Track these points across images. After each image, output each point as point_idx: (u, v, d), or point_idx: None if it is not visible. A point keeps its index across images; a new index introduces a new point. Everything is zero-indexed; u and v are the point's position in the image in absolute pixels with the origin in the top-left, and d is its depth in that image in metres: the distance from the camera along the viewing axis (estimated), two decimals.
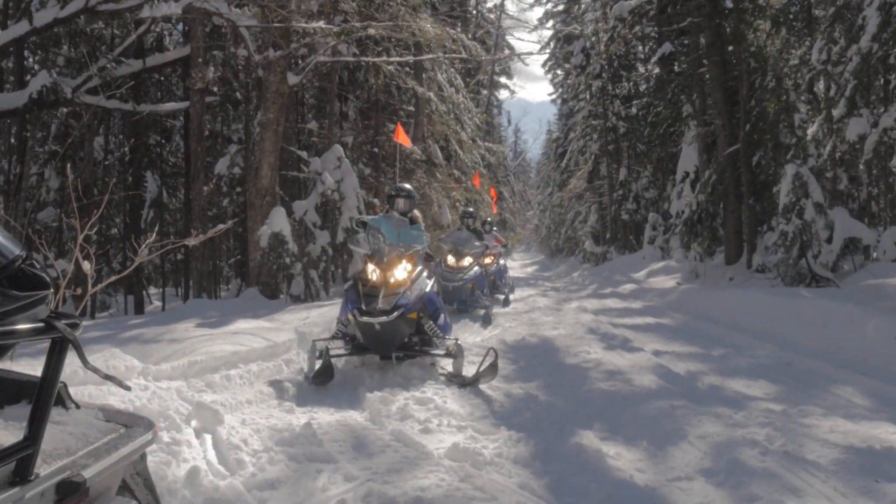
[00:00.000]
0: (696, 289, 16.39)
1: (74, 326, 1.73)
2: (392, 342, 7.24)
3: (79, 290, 6.44)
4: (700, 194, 19.93)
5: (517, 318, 12.83)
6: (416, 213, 8.82)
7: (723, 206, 19.53)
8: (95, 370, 1.91)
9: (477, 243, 13.81)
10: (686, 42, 22.97)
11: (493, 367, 6.80)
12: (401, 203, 8.72)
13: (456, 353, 7.24)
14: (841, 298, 10.12)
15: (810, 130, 14.81)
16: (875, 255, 13.99)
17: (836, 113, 12.46)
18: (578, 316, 12.84)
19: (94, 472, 1.83)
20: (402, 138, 10.46)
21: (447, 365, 7.41)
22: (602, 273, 26.59)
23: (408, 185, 9.14)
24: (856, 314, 8.91)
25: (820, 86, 16.79)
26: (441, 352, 7.50)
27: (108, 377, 1.99)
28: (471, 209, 15.64)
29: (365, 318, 7.06)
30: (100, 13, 12.94)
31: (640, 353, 8.43)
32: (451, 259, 13.33)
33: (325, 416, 5.70)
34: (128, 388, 2.12)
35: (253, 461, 4.48)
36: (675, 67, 24.63)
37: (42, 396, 1.69)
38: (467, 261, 13.29)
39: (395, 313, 7.08)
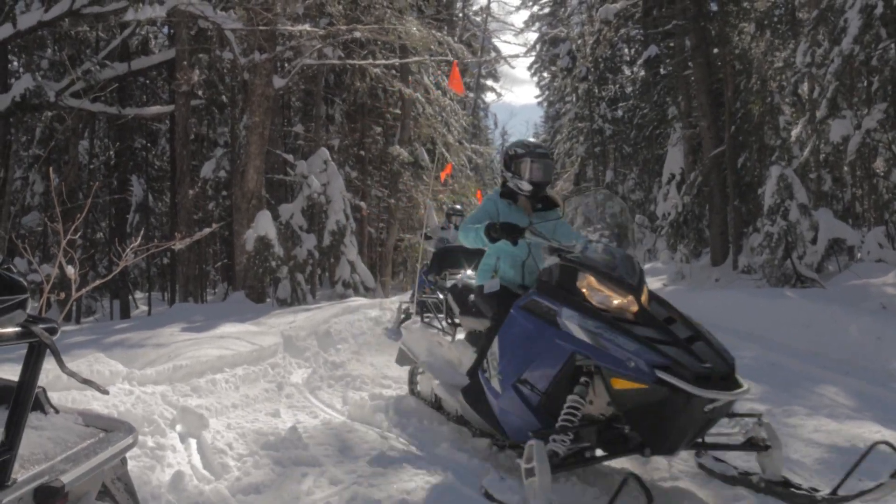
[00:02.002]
0: (683, 290, 16.43)
1: (52, 331, 1.72)
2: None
3: (62, 295, 6.40)
4: (686, 196, 19.99)
5: None
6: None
7: (708, 208, 19.61)
8: (73, 374, 1.90)
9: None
10: (671, 45, 23.05)
11: None
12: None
13: None
14: (825, 299, 10.15)
15: (794, 132, 14.88)
16: (859, 255, 14.06)
17: (818, 114, 12.52)
18: None
19: (73, 477, 1.82)
20: (456, 84, 9.84)
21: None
22: None
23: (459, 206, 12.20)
24: (840, 315, 8.95)
25: (804, 88, 16.89)
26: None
27: (85, 381, 1.98)
28: (458, 206, 14.75)
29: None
30: (84, 16, 12.89)
31: None
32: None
33: (310, 420, 5.69)
34: (106, 392, 2.11)
35: (238, 465, 4.47)
36: (661, 70, 24.75)
37: (19, 401, 1.68)
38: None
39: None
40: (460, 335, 5.40)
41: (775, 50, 17.85)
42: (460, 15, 34.45)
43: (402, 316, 10.72)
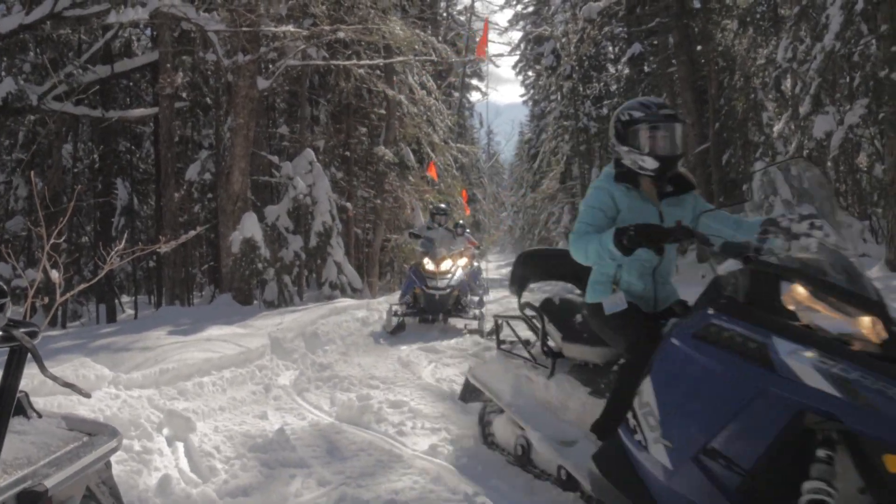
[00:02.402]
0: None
1: (33, 335, 1.71)
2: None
3: (46, 300, 6.36)
4: None
5: (491, 320, 12.84)
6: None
7: None
8: (54, 378, 1.89)
9: (457, 239, 12.38)
10: (655, 42, 23.18)
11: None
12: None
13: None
14: None
15: (777, 128, 14.98)
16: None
17: (801, 110, 12.61)
18: None
19: (57, 481, 1.81)
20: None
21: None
22: None
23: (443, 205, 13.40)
24: None
25: (787, 84, 17.00)
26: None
27: (67, 385, 1.97)
28: (443, 205, 13.84)
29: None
30: (66, 19, 12.81)
31: None
32: (428, 264, 11.40)
33: (298, 422, 5.68)
34: (88, 396, 2.10)
35: (225, 468, 4.46)
36: (645, 68, 24.86)
37: (1, 406, 1.67)
38: (447, 264, 11.44)
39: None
40: (559, 367, 4.19)
41: (758, 47, 17.97)
42: (444, 14, 34.42)
43: (394, 319, 10.71)
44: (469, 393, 5.09)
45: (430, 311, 11.01)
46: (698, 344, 2.96)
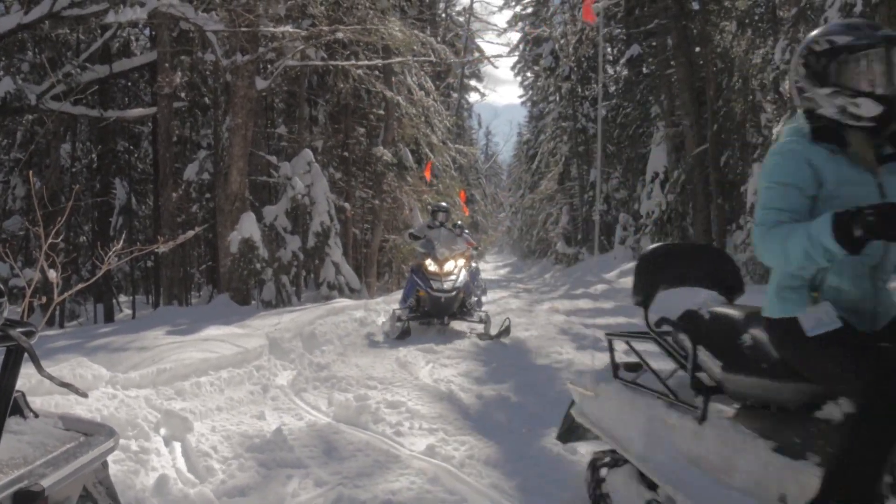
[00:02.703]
0: None
1: (30, 334, 1.71)
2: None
3: (44, 299, 6.35)
4: (669, 194, 20.12)
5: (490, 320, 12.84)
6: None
7: (692, 206, 19.73)
8: (51, 377, 1.89)
9: (457, 239, 11.65)
10: (654, 44, 23.20)
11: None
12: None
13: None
14: None
15: (776, 129, 15.00)
16: None
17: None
18: (550, 317, 12.87)
19: (54, 481, 1.81)
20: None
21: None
22: (574, 274, 26.65)
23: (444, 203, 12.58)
24: None
25: (786, 86, 16.98)
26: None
27: (64, 384, 1.97)
28: (443, 204, 12.87)
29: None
30: (64, 18, 12.80)
31: None
32: (431, 265, 10.85)
33: (295, 422, 5.67)
34: (85, 396, 2.10)
35: (223, 468, 4.46)
36: (644, 69, 24.88)
37: None
38: (450, 265, 10.88)
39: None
40: (715, 409, 2.91)
41: (756, 48, 17.98)
42: (443, 15, 34.47)
43: (398, 324, 10.13)
44: (572, 433, 3.97)
45: (436, 315, 10.45)
46: None
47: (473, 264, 14.76)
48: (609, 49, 31.50)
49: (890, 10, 11.11)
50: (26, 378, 4.67)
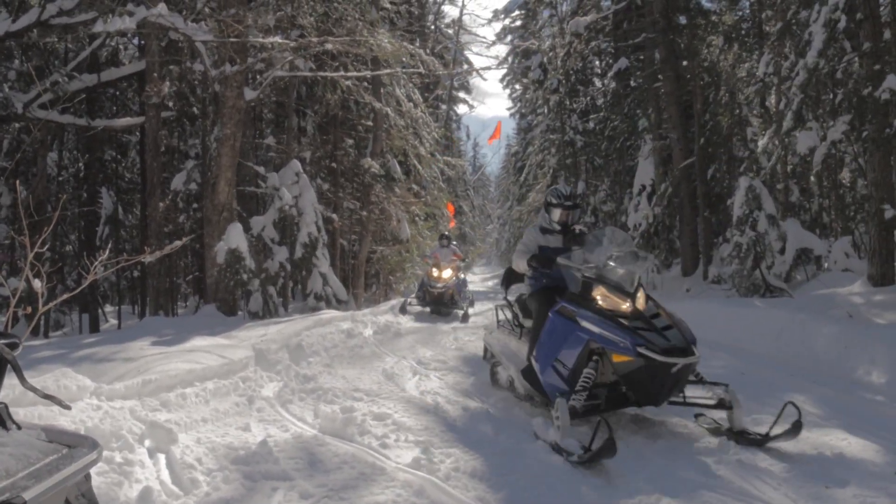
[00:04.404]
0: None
1: (13, 346, 1.70)
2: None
3: (29, 310, 6.31)
4: (656, 207, 20.18)
5: (476, 332, 12.82)
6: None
7: (679, 219, 19.80)
8: (34, 389, 1.88)
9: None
10: (641, 57, 23.34)
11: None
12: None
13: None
14: (794, 308, 10.27)
15: (761, 143, 15.10)
16: (826, 265, 14.28)
17: (785, 126, 12.70)
18: None
19: (36, 494, 1.80)
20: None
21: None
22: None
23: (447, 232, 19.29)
24: (808, 323, 9.06)
25: (772, 100, 17.13)
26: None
27: (47, 396, 1.96)
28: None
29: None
30: (53, 27, 12.78)
31: None
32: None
33: (281, 434, 5.65)
34: (68, 408, 2.09)
35: (207, 480, 4.44)
36: (631, 82, 25.00)
37: None
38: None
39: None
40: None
41: (743, 62, 18.12)
42: (432, 27, 34.60)
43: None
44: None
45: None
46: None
47: (461, 275, 17.10)
48: (597, 62, 31.66)
49: (875, 27, 11.22)
50: (9, 389, 4.64)
